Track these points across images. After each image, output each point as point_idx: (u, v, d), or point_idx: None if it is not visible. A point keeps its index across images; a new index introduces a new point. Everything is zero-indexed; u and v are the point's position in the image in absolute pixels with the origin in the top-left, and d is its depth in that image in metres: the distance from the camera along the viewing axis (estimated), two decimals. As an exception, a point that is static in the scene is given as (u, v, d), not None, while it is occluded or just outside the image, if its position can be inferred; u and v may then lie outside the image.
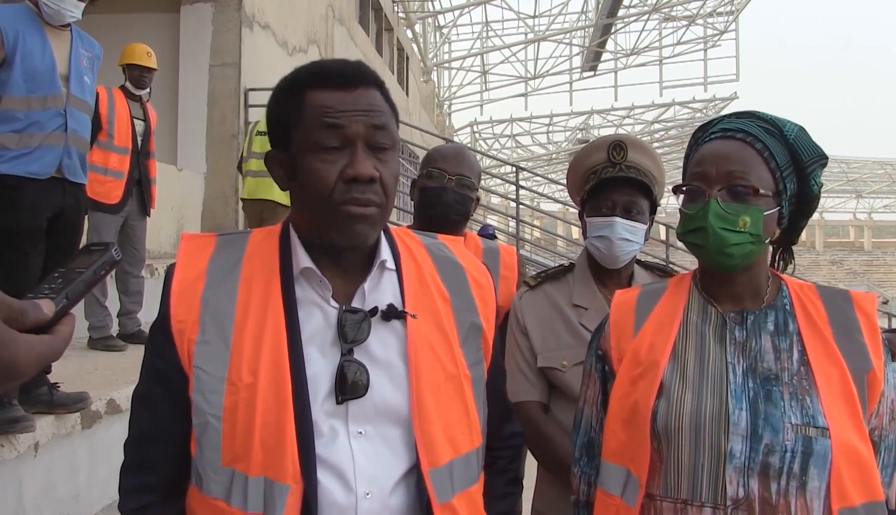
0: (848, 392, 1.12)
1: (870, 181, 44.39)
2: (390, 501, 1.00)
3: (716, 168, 1.17)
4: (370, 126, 1.02)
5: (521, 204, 9.07)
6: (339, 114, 1.01)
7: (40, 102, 2.68)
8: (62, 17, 2.78)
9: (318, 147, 1.00)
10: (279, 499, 0.95)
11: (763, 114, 1.22)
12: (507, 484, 1.23)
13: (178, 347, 1.01)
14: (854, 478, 1.08)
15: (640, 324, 1.25)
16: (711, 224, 1.14)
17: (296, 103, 1.03)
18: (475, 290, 1.15)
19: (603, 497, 1.23)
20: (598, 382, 1.30)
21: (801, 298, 1.21)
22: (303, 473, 0.96)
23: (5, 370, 0.59)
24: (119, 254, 0.74)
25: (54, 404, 2.87)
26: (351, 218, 1.00)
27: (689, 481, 1.13)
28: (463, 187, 1.98)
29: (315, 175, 1.00)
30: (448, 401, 1.05)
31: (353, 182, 0.99)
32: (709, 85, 29.28)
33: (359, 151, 1.01)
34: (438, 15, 24.19)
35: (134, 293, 4.52)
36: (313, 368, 1.00)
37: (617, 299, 1.32)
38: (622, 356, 1.25)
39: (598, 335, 1.33)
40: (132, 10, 7.14)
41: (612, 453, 1.22)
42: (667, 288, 1.29)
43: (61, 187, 2.79)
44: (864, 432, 1.11)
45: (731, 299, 1.22)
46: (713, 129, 1.23)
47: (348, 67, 1.05)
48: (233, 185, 6.91)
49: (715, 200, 1.15)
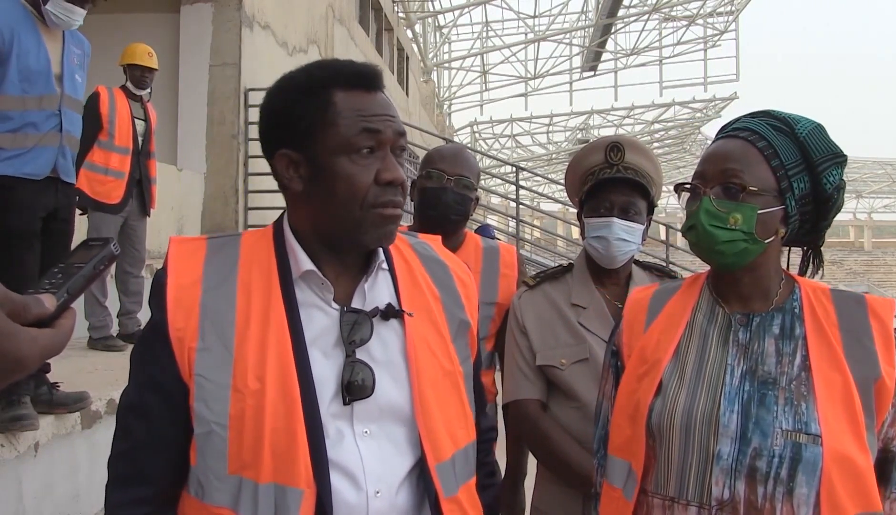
0: (849, 401, 1.09)
1: (870, 181, 44.37)
2: (398, 499, 1.01)
3: (712, 167, 1.17)
4: (396, 132, 1.03)
5: (521, 204, 9.08)
6: (374, 118, 1.01)
7: (35, 103, 2.66)
8: (69, 25, 2.78)
9: (353, 149, 1.00)
10: (293, 505, 0.95)
11: (778, 112, 1.21)
12: (487, 476, 1.26)
13: (177, 355, 0.99)
14: (848, 488, 1.05)
15: (650, 321, 1.26)
16: (702, 221, 1.15)
17: (320, 102, 1.01)
18: (461, 288, 1.17)
19: (608, 490, 1.25)
20: (613, 377, 1.31)
21: (813, 301, 1.18)
22: (316, 477, 0.96)
23: (9, 363, 0.59)
24: (118, 248, 0.75)
25: (54, 404, 2.87)
26: (385, 219, 1.02)
27: (677, 479, 1.13)
28: (462, 188, 1.99)
29: (351, 178, 1.00)
30: (447, 397, 1.06)
31: (388, 186, 1.01)
32: (709, 85, 29.27)
33: (389, 156, 1.02)
34: (438, 15, 24.18)
35: (134, 293, 4.52)
36: (318, 370, 1.00)
37: (632, 297, 1.33)
38: (632, 352, 1.26)
39: (615, 330, 1.34)
40: (132, 10, 7.14)
41: (618, 447, 1.23)
42: (680, 287, 1.30)
43: (54, 187, 2.78)
44: (863, 441, 1.07)
45: (740, 300, 1.21)
46: (726, 129, 1.23)
47: (369, 69, 1.05)
48: (232, 185, 6.92)
49: (707, 197, 1.16)
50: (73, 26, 2.80)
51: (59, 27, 2.77)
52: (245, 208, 6.99)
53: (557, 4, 26.83)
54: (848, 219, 46.79)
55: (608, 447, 1.26)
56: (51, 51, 2.74)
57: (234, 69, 6.96)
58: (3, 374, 0.60)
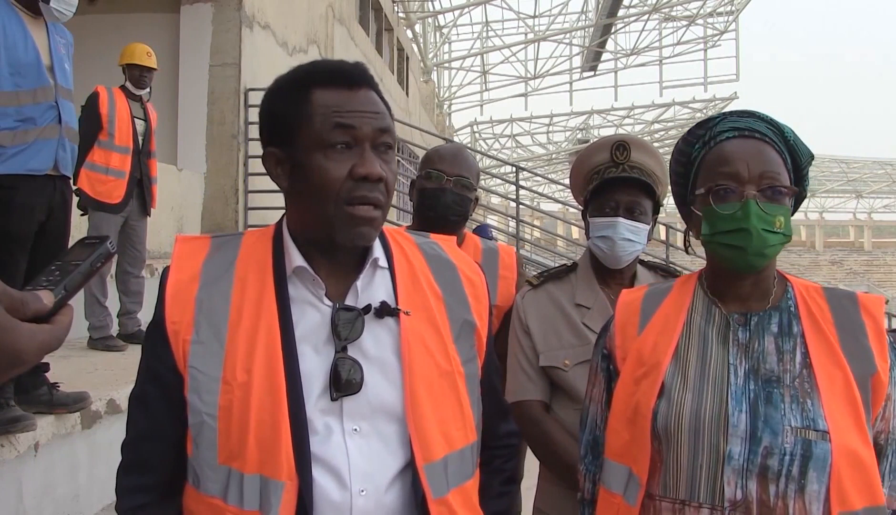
0: (851, 396, 1.11)
1: (870, 181, 44.37)
2: (385, 498, 1.01)
3: (748, 168, 1.15)
4: (377, 128, 1.03)
5: (521, 204, 9.07)
6: (349, 114, 1.02)
7: (30, 96, 2.61)
8: (67, 17, 2.77)
9: (327, 145, 1.01)
10: (274, 497, 0.96)
11: (762, 114, 1.22)
12: (503, 483, 1.24)
13: (173, 347, 1.02)
14: (855, 482, 1.08)
15: (644, 324, 1.25)
16: (755, 226, 1.12)
17: (301, 101, 1.03)
18: (468, 288, 1.16)
19: (605, 496, 1.24)
20: (604, 380, 1.31)
21: (807, 299, 1.20)
22: (297, 470, 0.97)
23: (9, 358, 0.60)
24: (114, 246, 0.76)
25: (54, 404, 2.87)
26: (357, 220, 1.02)
27: (688, 481, 1.13)
28: (461, 188, 1.98)
29: (323, 173, 1.01)
30: (442, 397, 1.06)
31: (362, 181, 1.01)
32: (709, 85, 29.29)
33: (367, 151, 1.02)
34: (438, 15, 24.19)
35: (134, 293, 4.52)
36: (307, 366, 1.01)
37: (622, 299, 1.32)
38: (626, 355, 1.25)
39: (604, 333, 1.33)
40: (132, 10, 7.14)
41: (615, 452, 1.22)
42: (672, 289, 1.29)
43: (52, 185, 2.75)
44: (866, 436, 1.10)
45: (738, 301, 1.21)
46: (722, 128, 1.21)
47: (353, 67, 1.07)
48: (232, 185, 6.91)
49: (754, 200, 1.13)
50: (69, 16, 2.78)
51: (59, 20, 2.75)
52: (245, 208, 6.99)
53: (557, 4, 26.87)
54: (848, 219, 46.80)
55: (605, 453, 1.25)
56: (38, 42, 2.67)
57: (234, 69, 6.96)
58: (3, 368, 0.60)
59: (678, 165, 1.27)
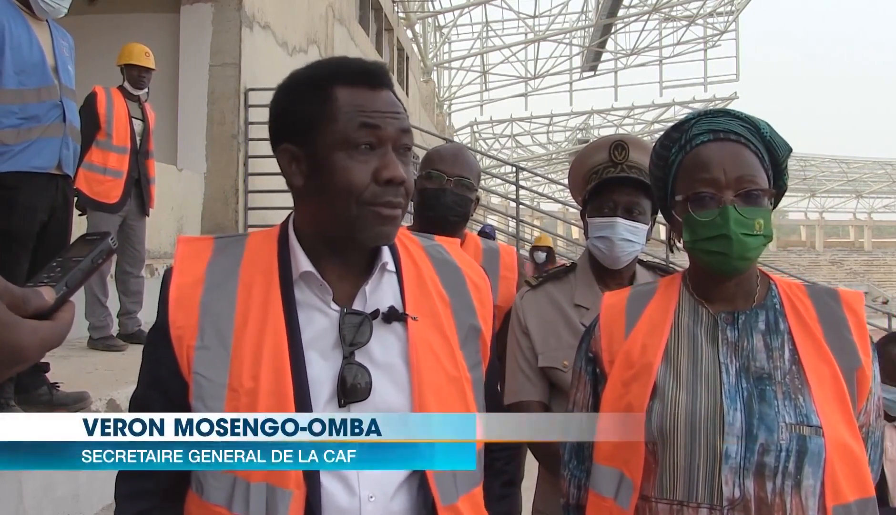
0: (839, 390, 1.12)
1: (870, 181, 44.35)
2: (393, 505, 0.99)
3: (724, 173, 1.15)
4: (399, 129, 1.02)
5: (521, 204, 9.08)
6: (375, 114, 1.00)
7: (34, 95, 2.63)
8: (58, 13, 2.76)
9: (351, 145, 0.99)
10: (281, 505, 0.95)
11: (737, 112, 1.21)
12: (504, 486, 1.24)
13: (176, 353, 1.01)
14: (847, 475, 1.09)
15: (630, 326, 1.25)
16: (734, 231, 1.12)
17: (322, 98, 1.01)
18: (473, 292, 1.15)
19: (595, 500, 1.23)
20: (589, 384, 1.30)
21: (791, 297, 1.21)
22: (305, 479, 0.95)
23: (11, 354, 0.60)
24: (115, 243, 0.76)
25: (54, 404, 2.87)
26: (381, 219, 1.00)
27: (685, 482, 1.13)
28: (462, 189, 1.98)
29: (347, 173, 0.99)
30: (450, 403, 1.04)
31: (387, 184, 0.99)
32: (709, 85, 29.27)
33: (390, 153, 1.00)
34: (438, 15, 24.18)
35: (134, 293, 4.52)
36: (315, 371, 1.00)
37: (606, 302, 1.31)
38: (613, 358, 1.24)
39: (587, 337, 1.33)
40: (132, 10, 7.14)
41: (605, 456, 1.22)
42: (657, 290, 1.29)
43: (54, 185, 2.76)
44: (855, 429, 1.12)
45: (724, 300, 1.21)
46: (697, 131, 1.20)
47: (375, 66, 1.04)
48: (232, 185, 6.91)
49: (732, 206, 1.13)
50: (61, 14, 2.78)
51: (49, 15, 2.75)
52: (245, 208, 6.98)
53: (557, 4, 26.85)
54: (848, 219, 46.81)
55: (594, 457, 1.24)
56: (42, 42, 2.70)
57: (234, 69, 6.95)
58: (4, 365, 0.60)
59: (657, 170, 1.27)
